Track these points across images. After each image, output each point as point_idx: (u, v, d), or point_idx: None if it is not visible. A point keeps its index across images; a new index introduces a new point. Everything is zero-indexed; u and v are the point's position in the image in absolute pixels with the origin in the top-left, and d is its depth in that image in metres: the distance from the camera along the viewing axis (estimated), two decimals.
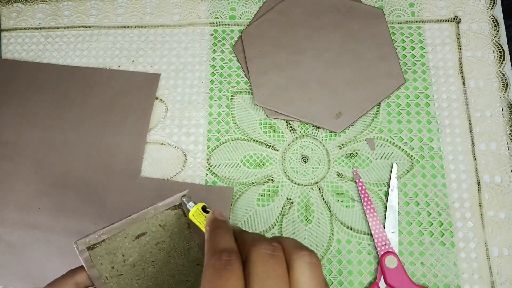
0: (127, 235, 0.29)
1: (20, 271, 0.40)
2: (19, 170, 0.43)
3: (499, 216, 0.39)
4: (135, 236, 0.29)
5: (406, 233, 0.39)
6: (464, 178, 0.41)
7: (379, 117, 0.43)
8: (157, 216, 0.29)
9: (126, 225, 0.28)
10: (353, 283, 0.38)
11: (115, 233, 0.28)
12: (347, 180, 0.41)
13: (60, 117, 0.45)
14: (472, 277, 0.38)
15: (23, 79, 0.46)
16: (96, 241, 0.28)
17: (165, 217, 0.29)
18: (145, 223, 0.29)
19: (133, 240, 0.29)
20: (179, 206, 0.30)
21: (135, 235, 0.29)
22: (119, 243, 0.28)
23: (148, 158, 0.43)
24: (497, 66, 0.44)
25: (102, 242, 0.28)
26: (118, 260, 0.28)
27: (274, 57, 0.44)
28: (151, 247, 0.29)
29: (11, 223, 0.42)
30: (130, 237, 0.29)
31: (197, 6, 0.48)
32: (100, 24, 0.49)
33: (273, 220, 0.40)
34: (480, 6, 0.46)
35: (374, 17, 0.45)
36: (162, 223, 0.30)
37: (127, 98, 0.45)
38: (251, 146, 0.43)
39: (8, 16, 0.50)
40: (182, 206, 0.30)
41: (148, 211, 0.29)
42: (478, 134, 0.42)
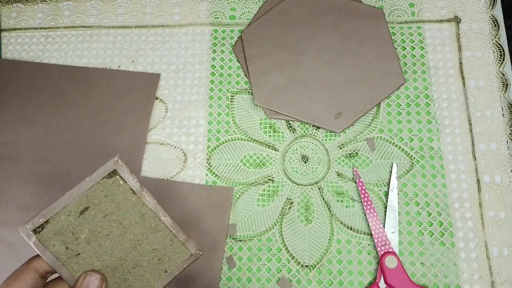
0: (70, 212, 0.28)
1: None
2: (19, 170, 0.43)
3: (499, 216, 0.39)
4: (79, 212, 0.28)
5: (406, 233, 0.39)
6: (464, 178, 0.41)
7: (379, 117, 0.43)
8: (95, 187, 0.29)
9: (65, 202, 0.28)
10: (353, 283, 0.38)
11: (57, 212, 0.28)
12: (347, 180, 0.41)
13: (60, 117, 0.45)
14: (472, 277, 0.38)
15: (23, 79, 0.46)
16: (40, 223, 0.28)
17: (104, 187, 0.29)
18: (85, 197, 0.29)
19: (78, 217, 0.28)
20: (115, 173, 0.29)
21: (78, 211, 0.28)
22: (65, 222, 0.28)
23: (148, 158, 0.43)
24: (497, 66, 0.44)
25: (46, 224, 0.28)
26: (70, 240, 0.28)
27: (274, 57, 0.44)
28: (100, 220, 0.29)
29: (11, 223, 0.42)
30: (74, 213, 0.28)
31: (197, 6, 0.48)
32: (100, 24, 0.49)
33: (273, 220, 0.40)
34: (480, 6, 0.46)
35: (374, 17, 0.45)
36: (102, 193, 0.29)
37: (127, 98, 0.45)
38: (251, 146, 0.43)
39: (8, 16, 0.50)
40: (119, 172, 0.29)
41: (83, 183, 0.28)
42: (478, 134, 0.42)
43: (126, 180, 0.29)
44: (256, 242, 0.40)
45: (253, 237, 0.40)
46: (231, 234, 0.40)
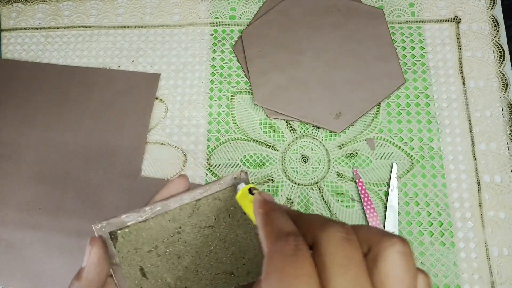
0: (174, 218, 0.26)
1: (20, 271, 0.40)
2: (19, 170, 0.43)
3: (499, 216, 0.39)
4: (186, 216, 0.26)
5: (406, 233, 0.39)
6: (464, 178, 0.41)
7: (379, 117, 0.43)
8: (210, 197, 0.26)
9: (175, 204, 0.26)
10: None
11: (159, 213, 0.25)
12: (347, 180, 0.41)
13: (60, 117, 0.45)
14: (472, 277, 0.38)
15: (23, 79, 0.46)
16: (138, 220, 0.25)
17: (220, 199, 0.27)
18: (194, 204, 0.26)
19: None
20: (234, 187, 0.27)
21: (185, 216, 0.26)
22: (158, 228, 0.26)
23: (148, 158, 0.43)
24: (497, 66, 0.44)
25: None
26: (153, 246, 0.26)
27: (274, 57, 0.44)
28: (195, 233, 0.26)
29: (11, 223, 0.42)
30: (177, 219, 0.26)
31: (197, 6, 0.48)
32: (100, 24, 0.49)
33: None
34: (480, 6, 0.46)
35: (374, 17, 0.45)
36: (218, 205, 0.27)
37: (127, 98, 0.45)
38: (251, 146, 0.43)
39: (8, 16, 0.50)
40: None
41: (202, 189, 0.26)
42: (478, 134, 0.42)
43: None
44: None
45: None
46: None
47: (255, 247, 0.28)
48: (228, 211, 0.27)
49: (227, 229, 0.27)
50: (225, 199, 0.27)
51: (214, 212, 0.27)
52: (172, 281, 0.27)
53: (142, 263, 0.26)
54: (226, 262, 0.28)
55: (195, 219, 0.26)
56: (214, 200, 0.27)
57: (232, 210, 0.27)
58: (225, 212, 0.27)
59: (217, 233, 0.27)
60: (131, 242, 0.25)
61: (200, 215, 0.26)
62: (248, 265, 0.28)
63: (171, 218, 0.26)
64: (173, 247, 0.26)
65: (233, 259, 0.28)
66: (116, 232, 0.25)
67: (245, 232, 0.27)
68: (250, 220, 0.27)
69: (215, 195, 0.26)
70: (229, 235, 0.27)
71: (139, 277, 0.26)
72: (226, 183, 0.26)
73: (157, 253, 0.26)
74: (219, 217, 0.27)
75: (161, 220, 0.26)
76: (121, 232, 0.25)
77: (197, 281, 0.27)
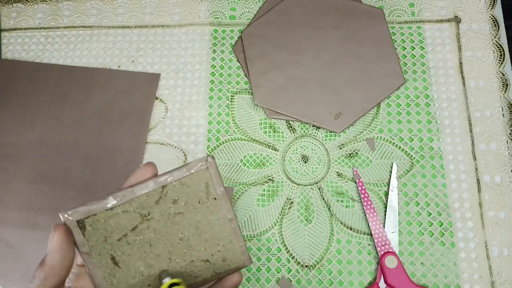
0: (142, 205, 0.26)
1: (20, 271, 0.40)
2: (19, 170, 0.43)
3: (499, 216, 0.39)
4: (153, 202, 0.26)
5: (406, 233, 0.39)
6: (464, 178, 0.41)
7: (379, 117, 0.43)
8: (174, 183, 0.26)
9: (141, 191, 0.25)
10: (353, 283, 0.38)
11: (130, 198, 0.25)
12: (347, 180, 0.41)
13: (60, 117, 0.45)
14: (472, 277, 0.38)
15: (23, 79, 0.46)
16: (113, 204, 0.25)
17: (183, 185, 0.26)
18: (160, 190, 0.26)
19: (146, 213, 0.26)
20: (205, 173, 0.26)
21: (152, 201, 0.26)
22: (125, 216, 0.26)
23: (148, 158, 0.43)
24: (497, 66, 0.44)
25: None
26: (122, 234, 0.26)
27: (274, 57, 0.44)
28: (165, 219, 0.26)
29: (11, 223, 0.42)
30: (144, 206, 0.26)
31: (197, 6, 0.48)
32: (100, 24, 0.49)
33: (273, 220, 0.40)
34: (480, 6, 0.46)
35: (374, 17, 0.45)
36: (181, 191, 0.26)
37: (127, 98, 0.45)
38: (251, 146, 0.43)
39: (8, 16, 0.50)
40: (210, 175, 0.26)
41: (167, 175, 0.26)
42: (478, 134, 0.42)
43: (212, 183, 0.26)
44: (256, 242, 0.40)
45: (253, 237, 0.40)
46: None
47: (230, 234, 0.27)
48: (197, 196, 0.26)
49: (198, 215, 0.27)
50: (193, 184, 0.26)
51: (183, 198, 0.26)
52: (145, 269, 0.26)
53: (113, 251, 0.26)
54: (199, 249, 0.27)
55: (163, 205, 0.26)
56: (182, 186, 0.26)
57: (202, 195, 0.26)
58: (194, 198, 0.26)
59: (187, 220, 0.26)
60: (100, 230, 0.25)
61: (168, 202, 0.26)
62: (223, 252, 0.27)
63: (138, 205, 0.26)
64: (143, 235, 0.26)
65: (207, 245, 0.27)
66: (84, 221, 0.25)
67: (217, 218, 0.27)
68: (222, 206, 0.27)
69: (182, 180, 0.26)
70: (201, 221, 0.27)
71: (111, 265, 0.26)
72: (193, 168, 0.26)
73: (127, 241, 0.26)
74: (188, 203, 0.26)
75: (128, 207, 0.25)
76: (88, 220, 0.25)
77: (171, 269, 0.27)
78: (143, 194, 0.25)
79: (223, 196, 0.27)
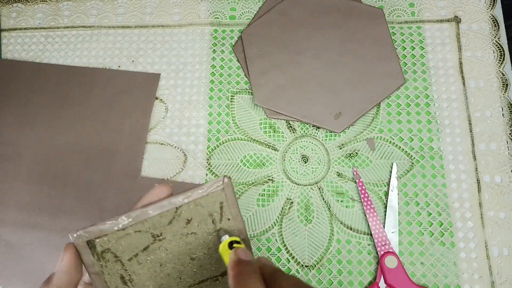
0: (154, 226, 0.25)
1: (20, 271, 0.40)
2: (19, 170, 0.43)
3: (499, 216, 0.39)
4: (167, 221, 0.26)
5: (406, 233, 0.39)
6: (464, 178, 0.41)
7: (379, 117, 0.43)
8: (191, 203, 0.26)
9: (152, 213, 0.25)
10: (353, 283, 0.38)
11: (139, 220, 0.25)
12: (347, 180, 0.41)
13: (60, 117, 0.45)
14: (472, 277, 0.38)
15: (23, 79, 0.46)
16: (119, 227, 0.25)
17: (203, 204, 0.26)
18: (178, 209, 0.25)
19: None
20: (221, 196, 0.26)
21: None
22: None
23: (148, 158, 0.43)
24: (497, 66, 0.44)
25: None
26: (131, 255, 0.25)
27: (274, 57, 0.44)
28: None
29: (11, 223, 0.42)
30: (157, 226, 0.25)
31: (197, 6, 0.48)
32: (100, 24, 0.49)
33: (273, 220, 0.40)
34: (480, 6, 0.46)
35: (374, 17, 0.45)
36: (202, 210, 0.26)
37: (127, 98, 0.45)
38: (251, 146, 0.43)
39: (8, 16, 0.50)
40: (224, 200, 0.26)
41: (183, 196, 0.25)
42: (478, 134, 0.42)
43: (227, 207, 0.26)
44: (256, 242, 0.40)
45: (253, 237, 0.40)
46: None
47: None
48: (211, 217, 0.26)
49: (210, 235, 0.26)
50: (208, 205, 0.26)
51: (196, 219, 0.26)
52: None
53: (123, 271, 0.25)
54: (210, 268, 0.27)
55: (176, 226, 0.26)
56: (196, 207, 0.26)
57: (215, 216, 0.26)
58: (208, 218, 0.26)
59: (200, 240, 0.26)
60: (111, 250, 0.25)
61: (182, 222, 0.26)
62: None
63: (151, 225, 0.25)
64: (154, 255, 0.26)
65: (217, 265, 0.27)
66: (94, 241, 0.24)
67: None
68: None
69: (197, 201, 0.25)
70: (213, 241, 0.26)
71: (120, 285, 0.25)
72: (208, 189, 0.25)
73: (138, 261, 0.25)
74: (202, 223, 0.26)
75: (141, 227, 0.25)
76: (99, 241, 0.24)
77: (180, 287, 0.26)
78: (156, 215, 0.25)
79: (237, 216, 0.26)
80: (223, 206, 0.26)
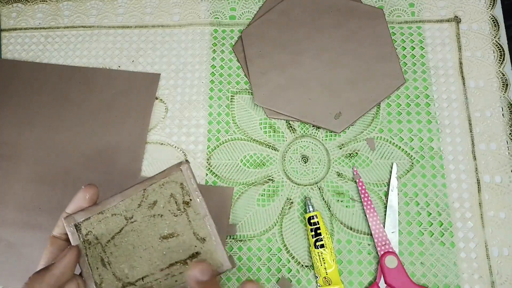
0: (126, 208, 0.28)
1: (20, 271, 0.40)
2: (19, 170, 0.43)
3: (499, 216, 0.39)
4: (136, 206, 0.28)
5: (406, 233, 0.39)
6: (464, 178, 0.41)
7: (379, 117, 0.43)
8: (154, 186, 0.28)
9: (122, 197, 0.28)
10: (353, 283, 0.38)
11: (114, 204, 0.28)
12: (347, 180, 0.41)
13: (60, 117, 0.45)
14: (472, 277, 0.38)
15: (23, 79, 0.46)
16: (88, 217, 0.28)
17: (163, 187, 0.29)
18: (141, 193, 0.28)
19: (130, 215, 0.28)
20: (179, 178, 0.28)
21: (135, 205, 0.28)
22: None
23: (148, 158, 0.43)
24: (497, 66, 0.44)
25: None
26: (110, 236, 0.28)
27: (274, 57, 0.44)
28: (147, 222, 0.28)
29: (11, 223, 0.42)
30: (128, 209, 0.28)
31: (197, 6, 0.48)
32: (100, 24, 0.49)
33: (273, 220, 0.40)
34: (480, 6, 0.46)
35: (374, 17, 0.45)
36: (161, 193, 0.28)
37: (127, 98, 0.45)
38: (251, 146, 0.43)
39: (8, 16, 0.50)
40: (183, 179, 0.28)
41: (144, 181, 0.28)
42: (478, 134, 0.42)
43: (187, 187, 0.29)
44: (256, 242, 0.40)
45: (253, 237, 0.40)
46: (231, 234, 0.40)
47: (206, 236, 0.28)
48: (174, 198, 0.28)
49: (175, 216, 0.28)
50: (171, 187, 0.28)
51: (161, 201, 0.28)
52: (129, 271, 0.28)
53: (103, 253, 0.27)
54: (178, 251, 0.28)
55: (145, 208, 0.28)
56: (161, 189, 0.28)
57: (178, 197, 0.28)
58: (172, 199, 0.28)
59: (166, 221, 0.28)
60: (93, 233, 0.27)
61: (148, 204, 0.28)
62: (202, 254, 0.28)
63: (124, 208, 0.28)
64: (127, 237, 0.28)
65: (185, 247, 0.28)
66: (81, 224, 0.27)
67: (193, 219, 0.28)
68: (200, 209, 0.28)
69: (160, 183, 0.28)
70: (179, 222, 0.28)
71: (100, 267, 0.27)
72: (170, 171, 0.28)
73: (114, 243, 0.28)
74: (166, 204, 0.28)
75: (116, 210, 0.28)
76: (84, 224, 0.28)
77: (152, 271, 0.28)
78: (128, 198, 0.28)
79: (198, 197, 0.28)
80: (184, 187, 0.28)
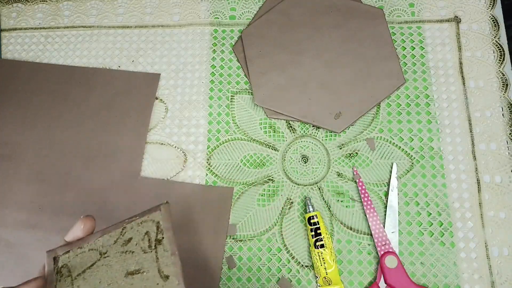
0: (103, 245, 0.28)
1: (20, 271, 0.40)
2: (19, 170, 0.43)
3: (499, 216, 0.39)
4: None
5: (406, 233, 0.39)
6: (464, 178, 0.41)
7: (379, 117, 0.43)
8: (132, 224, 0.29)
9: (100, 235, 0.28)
10: (353, 283, 0.38)
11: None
12: (347, 180, 0.41)
13: (60, 117, 0.45)
14: (472, 277, 0.38)
15: (23, 79, 0.46)
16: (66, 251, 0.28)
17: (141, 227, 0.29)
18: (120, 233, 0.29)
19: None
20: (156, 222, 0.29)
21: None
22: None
23: (148, 158, 0.43)
24: (497, 66, 0.44)
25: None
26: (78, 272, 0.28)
27: (274, 57, 0.44)
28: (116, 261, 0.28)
29: (11, 223, 0.42)
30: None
31: (197, 6, 0.48)
32: (100, 24, 0.49)
33: (273, 220, 0.40)
34: (480, 6, 0.46)
35: (374, 17, 0.45)
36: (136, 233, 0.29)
37: (127, 98, 0.45)
38: (251, 146, 0.43)
39: (8, 16, 0.50)
40: (161, 222, 0.29)
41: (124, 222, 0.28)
42: (478, 134, 0.42)
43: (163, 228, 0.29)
44: (256, 242, 0.40)
45: (253, 237, 0.40)
46: (231, 234, 0.40)
47: (172, 274, 0.28)
48: (148, 236, 0.28)
49: (144, 253, 0.28)
50: (147, 226, 0.28)
51: (136, 238, 0.28)
52: None
53: (70, 286, 0.28)
54: (141, 287, 0.28)
55: (119, 244, 0.28)
56: (138, 227, 0.29)
57: (152, 235, 0.28)
58: (146, 237, 0.28)
59: (136, 257, 0.28)
60: (68, 266, 0.28)
61: (124, 241, 0.28)
62: None
63: (101, 244, 0.28)
64: (97, 272, 0.28)
65: (148, 284, 0.28)
66: (59, 257, 0.28)
67: (161, 257, 0.28)
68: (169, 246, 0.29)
69: (139, 221, 0.29)
70: (147, 259, 0.28)
71: None
72: (151, 211, 0.29)
73: (84, 277, 0.28)
74: (140, 242, 0.28)
75: (94, 246, 0.28)
76: (62, 257, 0.28)
77: None
78: (107, 234, 0.28)
79: (170, 238, 0.29)
80: (159, 226, 0.29)
